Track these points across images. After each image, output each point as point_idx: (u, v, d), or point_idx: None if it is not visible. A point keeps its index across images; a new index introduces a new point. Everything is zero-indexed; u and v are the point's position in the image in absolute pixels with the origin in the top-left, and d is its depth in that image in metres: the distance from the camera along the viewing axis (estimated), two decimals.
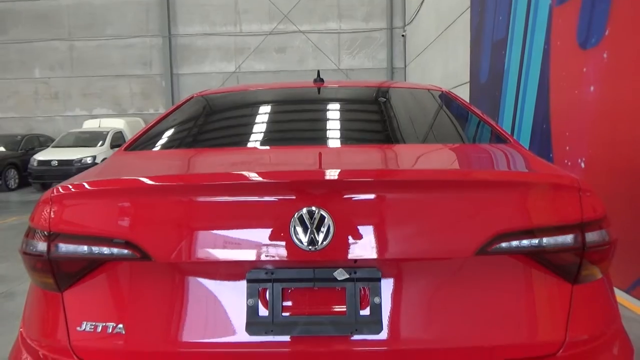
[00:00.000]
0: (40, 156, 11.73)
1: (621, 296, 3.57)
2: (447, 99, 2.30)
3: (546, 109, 5.11)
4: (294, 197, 1.25)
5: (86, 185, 1.36)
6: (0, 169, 11.94)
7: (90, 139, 12.46)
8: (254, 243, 1.26)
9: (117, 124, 13.54)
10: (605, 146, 4.02)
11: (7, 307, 3.94)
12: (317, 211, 1.23)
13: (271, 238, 1.25)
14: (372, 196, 1.27)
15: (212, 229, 1.27)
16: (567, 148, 4.64)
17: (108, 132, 12.68)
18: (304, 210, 1.23)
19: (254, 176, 1.30)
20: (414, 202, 1.27)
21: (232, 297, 1.30)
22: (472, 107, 2.21)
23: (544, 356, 1.30)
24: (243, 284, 1.29)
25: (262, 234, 1.26)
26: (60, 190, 1.36)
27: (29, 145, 13.28)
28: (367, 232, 1.25)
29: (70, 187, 1.36)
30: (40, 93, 16.63)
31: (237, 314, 1.28)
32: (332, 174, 1.29)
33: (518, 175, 1.48)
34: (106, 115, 15.70)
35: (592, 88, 4.22)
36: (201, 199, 1.28)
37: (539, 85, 5.31)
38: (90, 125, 13.82)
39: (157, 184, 1.33)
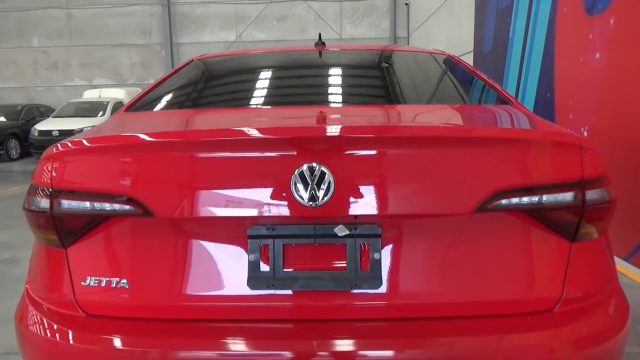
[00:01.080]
0: (41, 126, 11.70)
1: (620, 264, 3.60)
2: (451, 63, 2.28)
3: (550, 77, 5.05)
4: (294, 153, 1.25)
5: (87, 142, 1.36)
6: (1, 139, 11.92)
7: (91, 109, 12.38)
8: (254, 199, 1.26)
9: (117, 94, 13.43)
10: (609, 115, 3.99)
11: (12, 272, 4.01)
12: (317, 167, 1.23)
13: (272, 194, 1.25)
14: (372, 152, 1.27)
15: (213, 185, 1.28)
16: (570, 117, 4.60)
17: (108, 102, 12.59)
18: (305, 166, 1.23)
19: (254, 132, 1.30)
20: (414, 158, 1.27)
21: (234, 252, 1.31)
22: (477, 70, 2.19)
23: (540, 311, 1.32)
24: (244, 240, 1.30)
25: (262, 190, 1.26)
26: (62, 147, 1.36)
27: (29, 115, 13.23)
28: (368, 188, 1.25)
29: (71, 144, 1.36)
30: (39, 62, 16.47)
31: (239, 269, 1.30)
32: (332, 129, 1.28)
33: (519, 132, 1.48)
34: (106, 86, 15.56)
35: (597, 55, 4.16)
36: (202, 154, 1.28)
37: (543, 53, 5.23)
38: (90, 95, 13.72)
39: (157, 140, 1.33)
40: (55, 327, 1.35)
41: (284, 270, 1.30)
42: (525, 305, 1.32)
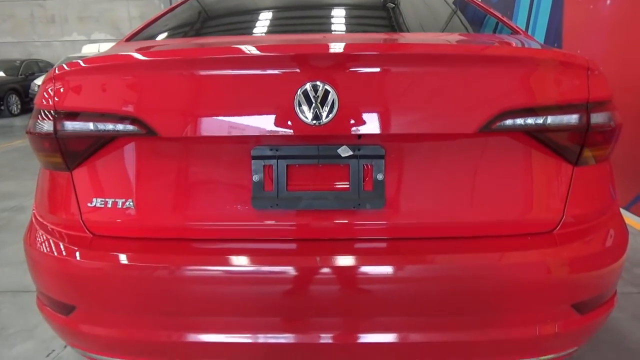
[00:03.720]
0: (41, 81, 11.57)
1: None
2: None
3: (559, 25, 4.93)
4: (298, 71, 1.24)
5: (89, 62, 1.34)
6: (1, 94, 11.83)
7: None
8: (257, 118, 1.26)
9: None
10: (617, 63, 3.92)
11: (18, 219, 4.07)
12: (321, 85, 1.22)
13: (275, 113, 1.25)
14: (377, 70, 1.25)
15: (216, 104, 1.27)
16: None
17: None
18: (308, 84, 1.22)
19: (258, 50, 1.28)
20: (418, 76, 1.26)
21: (238, 173, 1.32)
22: (486, 5, 2.14)
23: (541, 233, 1.34)
24: (248, 161, 1.31)
25: (266, 109, 1.25)
26: (63, 68, 1.35)
27: (28, 70, 13.07)
28: (372, 106, 1.25)
29: (73, 64, 1.34)
30: (36, 16, 16.13)
31: (243, 189, 1.31)
32: (336, 47, 1.26)
33: (526, 51, 1.45)
34: (105, 40, 15.29)
35: (608, 2, 4.05)
36: (205, 73, 1.27)
37: (552, 1, 5.09)
38: (89, 50, 13.49)
39: (160, 58, 1.31)
40: (63, 248, 1.37)
41: (288, 190, 1.31)
42: (526, 226, 1.34)
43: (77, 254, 1.34)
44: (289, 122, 1.24)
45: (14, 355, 2.17)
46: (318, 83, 1.22)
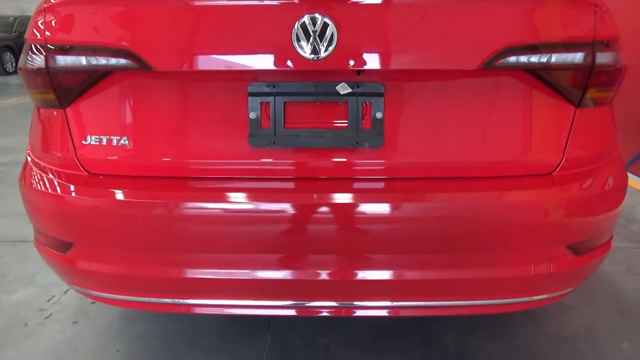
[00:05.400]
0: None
1: None
2: None
3: None
4: (296, 2, 1.19)
5: None
6: None
7: None
8: (254, 52, 1.22)
9: None
10: (624, 18, 3.82)
11: (15, 173, 4.06)
12: (320, 18, 1.18)
13: (272, 46, 1.21)
14: (378, 2, 1.21)
15: (211, 38, 1.23)
16: None
17: None
18: (306, 17, 1.18)
19: None
20: (420, 9, 1.21)
21: (235, 110, 1.29)
22: None
23: (540, 174, 1.33)
24: (245, 97, 1.28)
25: (262, 43, 1.22)
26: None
27: (22, 27, 12.77)
28: (372, 41, 1.21)
29: None
30: None
31: (240, 127, 1.29)
32: None
33: None
34: None
35: None
36: (200, 3, 1.23)
37: None
38: None
39: None
40: (58, 186, 1.36)
41: (285, 128, 1.29)
42: (526, 167, 1.33)
43: (73, 191, 1.33)
44: (287, 57, 1.21)
45: (15, 301, 2.19)
46: (317, 15, 1.18)
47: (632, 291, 2.23)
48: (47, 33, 1.29)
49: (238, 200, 1.28)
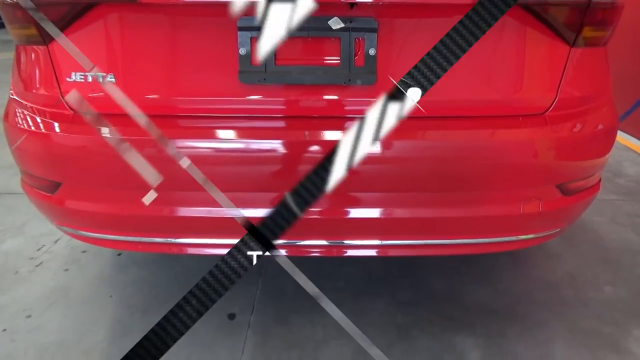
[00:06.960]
0: None
1: None
2: None
3: None
4: None
5: None
6: None
7: None
8: None
9: None
10: None
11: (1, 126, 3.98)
12: None
13: None
14: None
15: None
16: None
17: None
18: None
19: None
20: None
21: (224, 46, 1.26)
22: None
23: (532, 114, 1.32)
24: (234, 32, 1.24)
25: None
26: None
27: None
28: None
29: None
30: None
31: (230, 63, 1.26)
32: None
33: None
34: None
35: None
36: None
37: None
38: None
39: None
40: (43, 125, 1.33)
41: (276, 64, 1.26)
42: (518, 107, 1.32)
43: (58, 130, 1.31)
44: None
45: (4, 250, 2.19)
46: None
47: (616, 240, 2.29)
48: None
49: (228, 138, 1.27)
